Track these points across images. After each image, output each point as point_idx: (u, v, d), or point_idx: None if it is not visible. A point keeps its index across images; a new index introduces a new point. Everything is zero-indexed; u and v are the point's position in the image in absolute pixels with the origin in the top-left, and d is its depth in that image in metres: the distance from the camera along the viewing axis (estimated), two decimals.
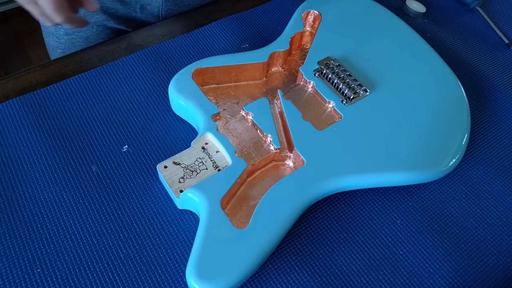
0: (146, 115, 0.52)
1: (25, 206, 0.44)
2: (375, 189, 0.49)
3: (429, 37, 0.65)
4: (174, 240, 0.44)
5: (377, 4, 0.62)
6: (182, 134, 0.51)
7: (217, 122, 0.48)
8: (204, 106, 0.49)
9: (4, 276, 0.40)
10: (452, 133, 0.50)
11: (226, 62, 0.52)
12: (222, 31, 0.61)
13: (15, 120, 0.50)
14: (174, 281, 0.41)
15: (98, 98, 0.53)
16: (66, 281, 0.41)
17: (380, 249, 0.45)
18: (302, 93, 0.54)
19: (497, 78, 0.62)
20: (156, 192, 0.46)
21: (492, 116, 0.58)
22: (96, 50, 0.58)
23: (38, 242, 0.42)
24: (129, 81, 0.55)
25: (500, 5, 0.73)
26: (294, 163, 0.48)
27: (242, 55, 0.54)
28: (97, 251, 0.42)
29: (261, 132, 0.48)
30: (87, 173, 0.47)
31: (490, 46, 0.66)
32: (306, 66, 0.54)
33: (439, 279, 0.44)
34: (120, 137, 0.50)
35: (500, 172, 0.53)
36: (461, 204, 0.50)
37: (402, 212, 0.48)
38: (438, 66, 0.56)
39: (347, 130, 0.49)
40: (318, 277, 0.43)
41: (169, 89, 0.50)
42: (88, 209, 0.45)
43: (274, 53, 0.55)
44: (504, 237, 0.48)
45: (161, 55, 0.57)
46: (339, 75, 0.52)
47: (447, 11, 0.70)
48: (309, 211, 0.47)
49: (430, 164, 0.48)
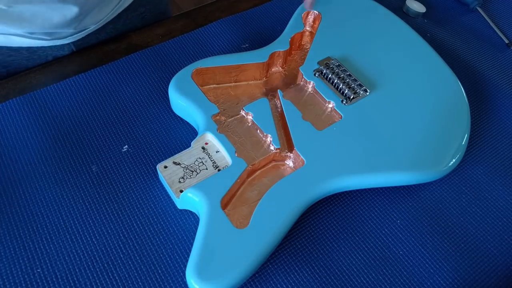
0: (146, 115, 0.52)
1: (25, 206, 0.44)
2: (375, 189, 0.49)
3: (429, 37, 0.65)
4: (174, 240, 0.44)
5: (377, 4, 0.62)
6: (182, 134, 0.51)
7: (217, 122, 0.48)
8: (204, 106, 0.49)
9: (4, 276, 0.40)
10: (452, 133, 0.50)
11: (226, 62, 0.52)
12: (222, 31, 0.61)
13: (15, 120, 0.50)
14: (174, 281, 0.41)
15: (98, 98, 0.53)
16: (66, 281, 0.41)
17: (380, 249, 0.45)
18: (302, 93, 0.54)
19: (497, 78, 0.62)
20: (156, 192, 0.46)
21: (492, 116, 0.58)
22: (96, 50, 0.58)
23: (38, 242, 0.42)
24: (129, 81, 0.55)
25: (500, 5, 0.73)
26: (294, 163, 0.48)
27: (242, 55, 0.54)
28: (97, 251, 0.42)
29: (261, 132, 0.48)
30: (87, 173, 0.47)
31: (490, 46, 0.66)
32: (306, 66, 0.54)
33: (439, 279, 0.44)
34: (120, 137, 0.50)
35: (500, 172, 0.53)
36: (461, 204, 0.50)
37: (402, 212, 0.48)
38: (438, 66, 0.56)
39: (347, 130, 0.49)
40: (318, 277, 0.43)
41: (169, 89, 0.50)
42: (88, 209, 0.45)
43: (274, 53, 0.55)
44: (504, 237, 0.48)
45: (161, 55, 0.57)
46: (339, 75, 0.52)
47: (447, 11, 0.70)
48: (309, 211, 0.47)
49: (430, 164, 0.48)
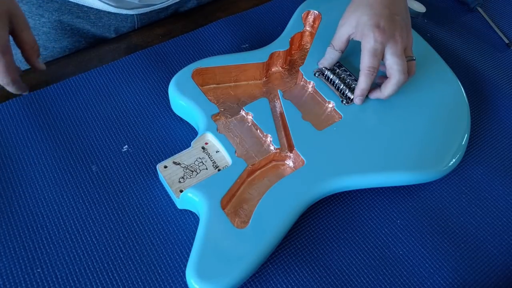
0: (146, 115, 0.52)
1: (25, 206, 0.44)
2: (375, 189, 0.49)
3: (429, 37, 0.65)
4: (174, 240, 0.44)
5: None
6: (182, 134, 0.51)
7: (217, 122, 0.48)
8: (204, 106, 0.49)
9: (4, 276, 0.40)
10: (452, 133, 0.50)
11: (226, 62, 0.52)
12: (222, 31, 0.61)
13: (15, 120, 0.50)
14: (174, 281, 0.41)
15: (98, 98, 0.53)
16: (66, 281, 0.41)
17: (380, 249, 0.45)
18: (302, 93, 0.54)
19: (497, 78, 0.62)
20: (156, 192, 0.46)
21: (492, 116, 0.58)
22: (96, 50, 0.58)
23: (38, 242, 0.42)
24: (129, 81, 0.55)
25: (500, 5, 0.73)
26: (294, 163, 0.48)
27: (242, 55, 0.54)
28: (97, 251, 0.42)
29: (261, 132, 0.48)
30: (87, 173, 0.47)
31: (490, 46, 0.66)
32: (306, 66, 0.54)
33: (439, 279, 0.44)
34: (120, 137, 0.50)
35: (500, 172, 0.53)
36: (461, 204, 0.50)
37: (402, 212, 0.48)
38: (438, 66, 0.56)
39: (347, 130, 0.48)
40: (318, 277, 0.43)
41: (169, 89, 0.50)
42: (88, 209, 0.45)
43: (274, 53, 0.55)
44: (504, 237, 0.48)
45: (161, 55, 0.57)
46: (339, 75, 0.52)
47: (447, 11, 0.70)
48: (309, 211, 0.47)
49: (430, 164, 0.48)
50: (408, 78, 0.49)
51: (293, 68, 0.58)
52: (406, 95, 0.52)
